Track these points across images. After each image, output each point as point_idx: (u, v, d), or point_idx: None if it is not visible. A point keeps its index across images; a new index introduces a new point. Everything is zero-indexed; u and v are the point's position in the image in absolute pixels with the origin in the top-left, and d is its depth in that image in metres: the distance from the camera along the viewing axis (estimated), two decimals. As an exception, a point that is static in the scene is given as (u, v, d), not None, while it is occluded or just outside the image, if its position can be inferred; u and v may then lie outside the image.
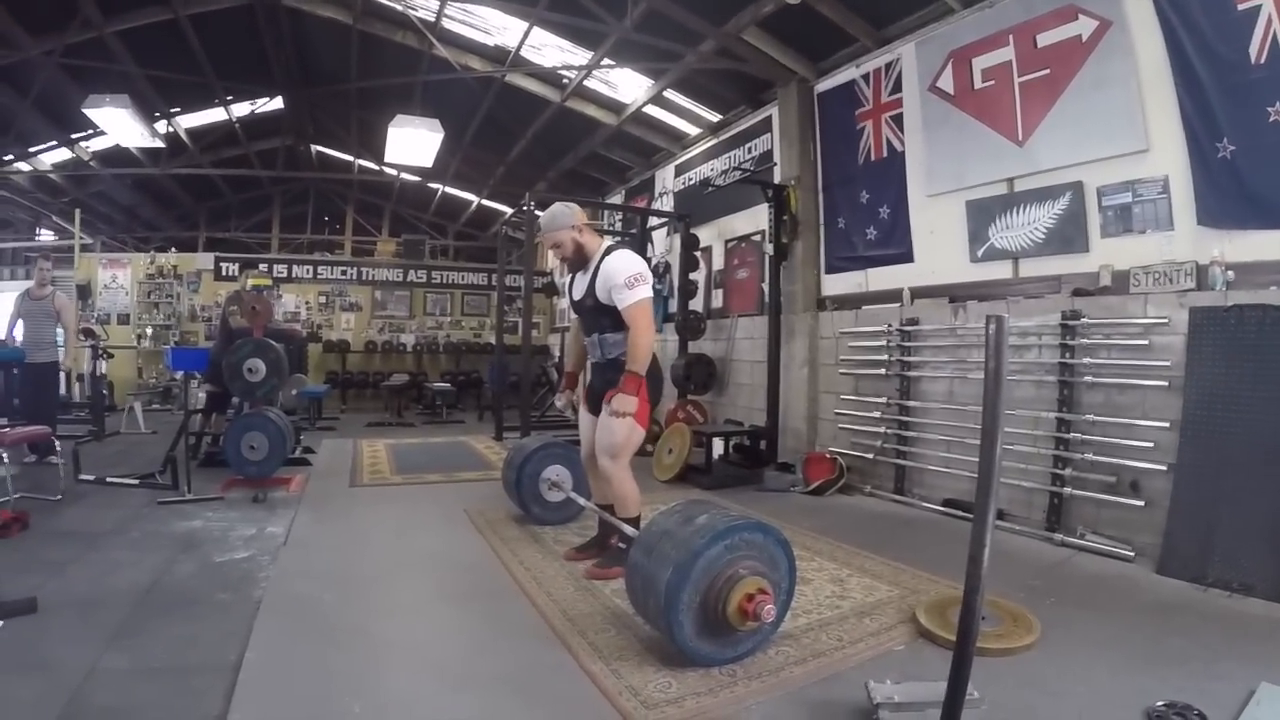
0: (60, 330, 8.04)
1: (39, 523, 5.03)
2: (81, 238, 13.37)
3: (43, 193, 15.12)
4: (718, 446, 7.75)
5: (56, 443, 6.49)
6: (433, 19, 9.62)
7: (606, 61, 9.24)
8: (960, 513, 5.70)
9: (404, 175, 16.09)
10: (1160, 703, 2.63)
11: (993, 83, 6.00)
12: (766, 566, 3.13)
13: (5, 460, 5.51)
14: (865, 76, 7.33)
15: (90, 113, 9.11)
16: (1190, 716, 2.55)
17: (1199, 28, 4.59)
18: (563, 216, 4.25)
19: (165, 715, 2.61)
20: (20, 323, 7.80)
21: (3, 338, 8.82)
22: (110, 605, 3.59)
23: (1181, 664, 3.04)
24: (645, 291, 4.06)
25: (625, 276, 4.03)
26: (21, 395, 7.77)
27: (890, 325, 6.62)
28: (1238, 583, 3.93)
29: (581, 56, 9.56)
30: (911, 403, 6.41)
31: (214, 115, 13.38)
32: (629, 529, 4.02)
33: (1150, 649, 3.22)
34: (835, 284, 7.81)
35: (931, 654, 3.17)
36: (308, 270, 15.48)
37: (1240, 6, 4.38)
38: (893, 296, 6.95)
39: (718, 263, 9.92)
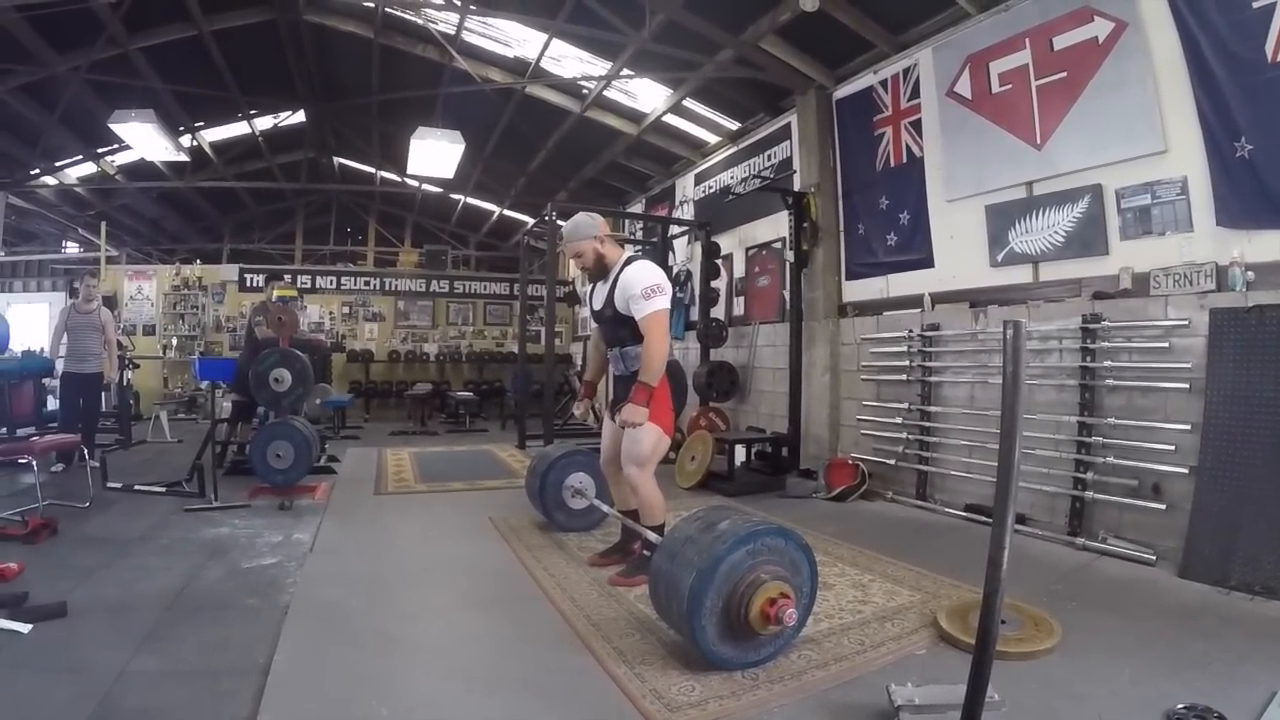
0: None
1: (68, 529, 5.11)
2: (107, 250, 13.57)
3: (69, 206, 15.36)
4: (740, 453, 7.77)
5: (85, 450, 6.61)
6: (453, 32, 9.71)
7: (626, 72, 9.30)
8: (982, 518, 5.65)
9: (425, 186, 16.24)
10: (1181, 705, 2.63)
11: (1010, 86, 6.00)
12: (788, 571, 3.15)
13: (35, 468, 5.62)
14: (883, 83, 7.35)
15: (116, 127, 9.28)
16: (1210, 719, 2.54)
17: (1214, 27, 4.59)
18: (585, 226, 4.30)
19: (196, 716, 2.65)
20: (65, 335, 7.92)
21: (47, 349, 8.99)
22: (139, 610, 3.64)
23: (1203, 667, 3.03)
24: (662, 303, 4.08)
25: (642, 287, 4.06)
26: (64, 404, 7.94)
27: (911, 331, 6.63)
28: (1260, 585, 3.90)
29: (601, 67, 9.63)
30: (933, 408, 6.41)
31: (237, 129, 13.59)
32: (653, 535, 4.03)
33: (1172, 652, 3.21)
34: (856, 290, 7.81)
35: (953, 658, 3.16)
36: (331, 281, 15.69)
37: (1255, 5, 4.38)
38: (914, 302, 6.94)
39: (739, 270, 9.95)
